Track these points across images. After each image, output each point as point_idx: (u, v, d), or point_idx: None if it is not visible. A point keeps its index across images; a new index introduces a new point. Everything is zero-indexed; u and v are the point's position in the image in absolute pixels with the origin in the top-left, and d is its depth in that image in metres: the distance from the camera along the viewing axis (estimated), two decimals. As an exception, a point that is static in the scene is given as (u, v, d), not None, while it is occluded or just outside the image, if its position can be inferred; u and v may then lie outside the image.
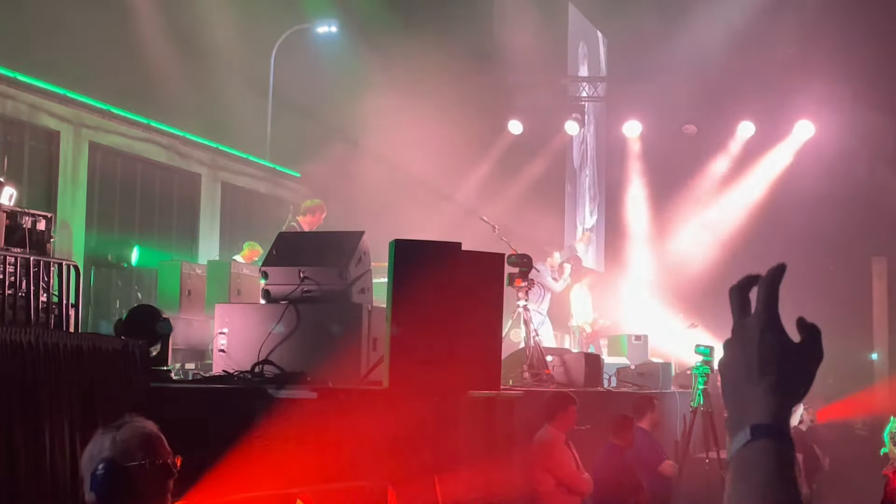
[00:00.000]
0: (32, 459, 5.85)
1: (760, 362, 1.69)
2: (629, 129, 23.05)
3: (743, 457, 1.64)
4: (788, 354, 1.71)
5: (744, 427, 1.66)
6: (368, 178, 20.99)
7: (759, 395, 1.67)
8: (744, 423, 1.66)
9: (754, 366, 1.69)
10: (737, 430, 1.67)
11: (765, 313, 1.73)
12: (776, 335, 1.72)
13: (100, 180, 18.80)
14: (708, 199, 23.34)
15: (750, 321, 1.73)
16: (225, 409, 7.31)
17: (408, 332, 7.29)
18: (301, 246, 9.67)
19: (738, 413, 1.69)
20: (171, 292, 13.77)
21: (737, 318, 1.75)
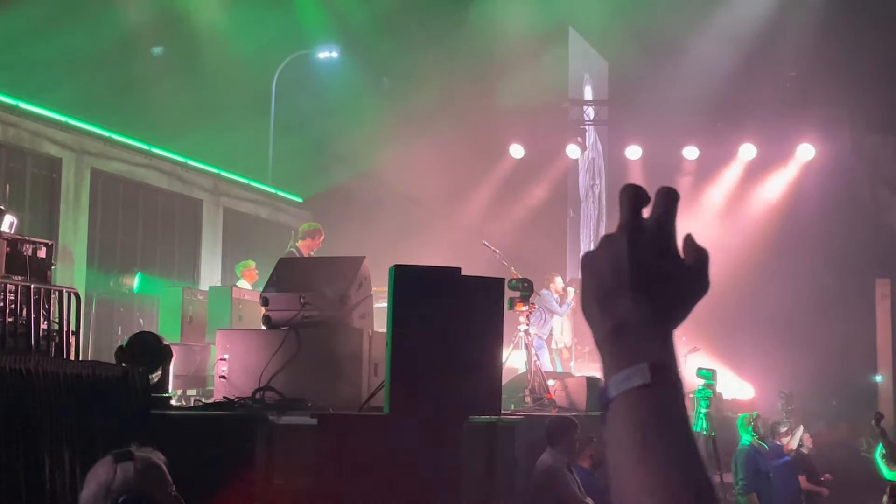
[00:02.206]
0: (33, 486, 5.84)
1: (652, 274, 1.46)
2: (631, 152, 23.06)
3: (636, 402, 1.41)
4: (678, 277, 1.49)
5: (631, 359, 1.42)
6: (369, 202, 21.04)
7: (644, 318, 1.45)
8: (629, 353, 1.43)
9: (641, 277, 1.46)
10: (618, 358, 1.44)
11: (666, 221, 1.51)
12: (669, 252, 1.49)
13: (102, 207, 18.82)
14: (710, 223, 23.31)
15: (651, 221, 1.50)
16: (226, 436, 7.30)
17: (408, 358, 7.28)
18: (302, 271, 9.67)
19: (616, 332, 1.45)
20: (172, 318, 13.78)
21: (630, 213, 1.51)
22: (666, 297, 1.48)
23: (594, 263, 1.51)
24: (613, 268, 1.48)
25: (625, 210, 1.52)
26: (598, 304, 1.48)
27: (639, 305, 1.45)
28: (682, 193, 6.19)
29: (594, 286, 1.49)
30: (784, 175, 22.91)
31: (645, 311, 1.45)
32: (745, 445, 13.44)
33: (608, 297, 1.47)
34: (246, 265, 16.41)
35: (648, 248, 1.48)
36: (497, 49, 21.78)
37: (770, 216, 22.80)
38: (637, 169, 23.82)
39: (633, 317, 1.45)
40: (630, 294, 1.46)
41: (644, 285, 1.46)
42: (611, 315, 1.46)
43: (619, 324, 1.45)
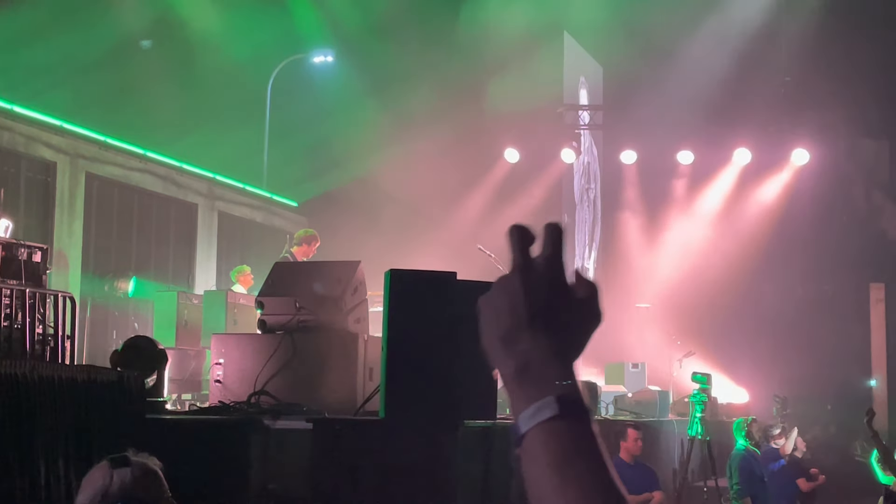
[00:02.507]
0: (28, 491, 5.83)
1: (547, 311, 1.51)
2: (625, 157, 23.07)
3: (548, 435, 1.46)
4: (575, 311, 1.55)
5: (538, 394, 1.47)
6: (365, 207, 21.03)
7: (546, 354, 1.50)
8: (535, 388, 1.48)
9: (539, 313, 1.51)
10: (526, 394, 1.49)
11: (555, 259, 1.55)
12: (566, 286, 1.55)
13: (96, 211, 18.81)
14: (705, 227, 23.34)
15: (539, 261, 1.54)
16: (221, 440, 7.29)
17: (403, 362, 7.28)
18: (297, 276, 9.66)
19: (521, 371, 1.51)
20: (167, 323, 13.79)
21: (519, 254, 1.54)
22: (564, 331, 1.54)
23: (491, 306, 1.55)
24: (511, 309, 1.53)
25: (514, 251, 1.56)
26: (501, 344, 1.53)
27: (539, 342, 1.51)
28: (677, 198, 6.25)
29: (494, 328, 1.54)
30: (779, 179, 22.93)
31: (546, 347, 1.51)
32: (741, 450, 13.43)
33: (509, 337, 1.52)
34: (241, 270, 16.41)
35: (541, 286, 1.53)
36: (492, 53, 21.77)
37: (765, 221, 22.82)
38: (632, 173, 23.86)
39: (535, 353, 1.51)
40: (530, 332, 1.51)
41: (542, 322, 1.52)
42: (514, 354, 1.51)
43: (523, 362, 1.51)
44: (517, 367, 1.51)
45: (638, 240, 24.04)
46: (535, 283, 1.53)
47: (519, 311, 1.52)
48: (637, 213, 24.19)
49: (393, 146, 21.14)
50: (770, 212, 22.89)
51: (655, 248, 23.57)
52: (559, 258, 1.56)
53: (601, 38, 23.34)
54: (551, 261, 1.55)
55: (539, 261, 1.55)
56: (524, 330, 1.51)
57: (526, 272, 1.54)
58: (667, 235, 23.54)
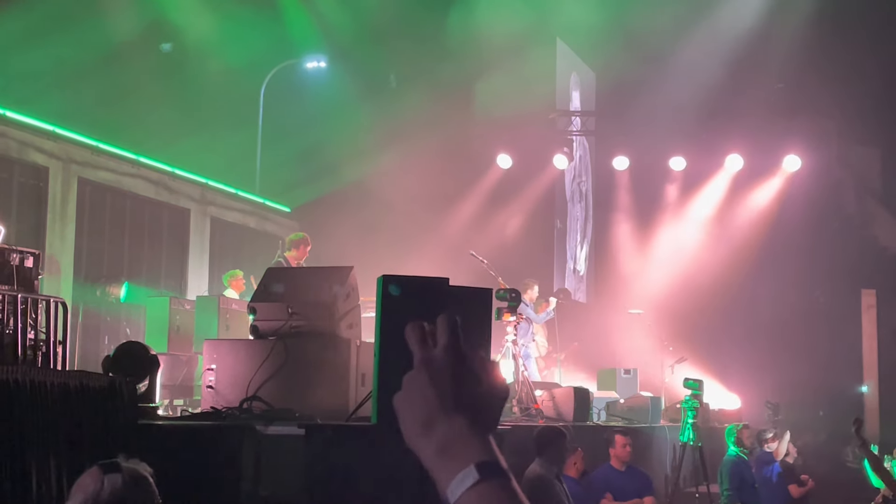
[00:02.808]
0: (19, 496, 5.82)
1: (456, 394, 1.65)
2: (618, 162, 23.10)
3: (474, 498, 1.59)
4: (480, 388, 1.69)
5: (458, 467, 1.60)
6: (357, 212, 21.04)
7: (462, 430, 1.63)
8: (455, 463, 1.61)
9: (449, 397, 1.65)
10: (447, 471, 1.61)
11: (455, 346, 1.70)
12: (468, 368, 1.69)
13: (89, 216, 18.78)
14: (697, 233, 23.38)
15: (438, 352, 1.69)
16: (213, 446, 7.29)
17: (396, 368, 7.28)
18: (289, 281, 9.66)
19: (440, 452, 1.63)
20: (159, 328, 13.79)
21: (420, 349, 1.70)
22: (474, 407, 1.66)
23: (405, 402, 1.69)
24: (422, 400, 1.67)
25: (414, 348, 1.71)
26: (420, 432, 1.67)
27: (454, 421, 1.64)
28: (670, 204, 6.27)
29: (411, 420, 1.68)
30: (770, 186, 22.98)
31: (460, 424, 1.64)
32: (732, 456, 13.45)
33: (425, 424, 1.66)
34: (233, 275, 16.40)
35: (444, 372, 1.68)
36: (485, 59, 21.81)
37: (756, 227, 22.87)
38: (625, 179, 23.89)
39: (451, 432, 1.64)
40: (442, 415, 1.65)
41: (452, 403, 1.65)
42: (432, 437, 1.65)
43: (442, 442, 1.64)
44: (437, 448, 1.64)
45: (630, 246, 24.08)
46: (439, 371, 1.68)
47: (429, 399, 1.66)
48: (629, 218, 24.22)
49: (385, 151, 21.15)
50: (762, 218, 22.93)
51: (648, 254, 23.60)
52: (456, 344, 1.70)
53: (594, 44, 23.38)
54: (449, 349, 1.69)
55: (438, 352, 1.69)
56: (437, 414, 1.65)
57: (428, 364, 1.69)
58: (659, 241, 23.57)
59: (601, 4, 20.98)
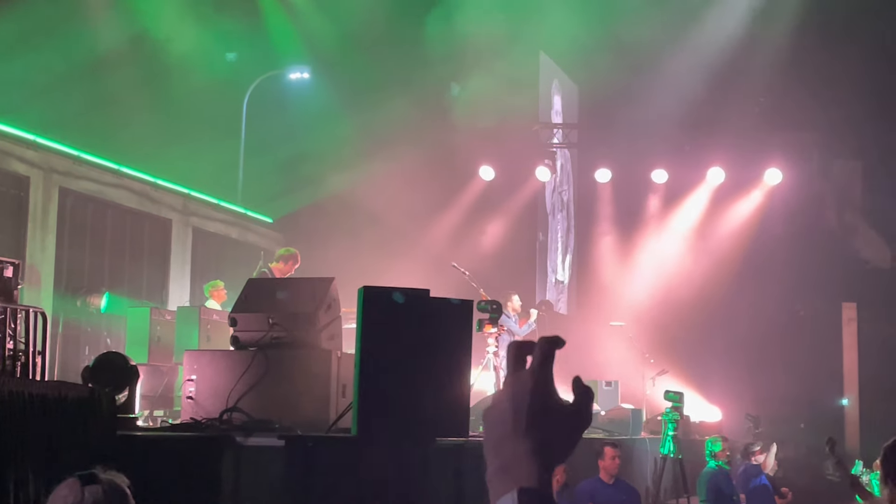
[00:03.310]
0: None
1: (528, 420, 1.69)
2: (600, 175, 23.16)
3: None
4: (557, 417, 1.71)
5: (509, 488, 1.64)
6: (339, 223, 21.02)
7: (524, 454, 1.66)
8: (507, 483, 1.65)
9: (521, 422, 1.68)
10: (500, 489, 1.65)
11: (539, 371, 1.72)
12: (547, 396, 1.72)
13: (70, 226, 18.71)
14: (678, 245, 23.45)
15: (524, 375, 1.73)
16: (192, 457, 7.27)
17: (376, 379, 7.27)
18: (270, 292, 9.64)
19: (501, 469, 1.68)
20: (140, 339, 13.75)
21: (511, 370, 1.75)
22: (547, 435, 1.69)
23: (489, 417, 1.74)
24: (501, 416, 1.71)
25: (508, 366, 1.77)
26: (491, 448, 1.71)
27: (521, 446, 1.67)
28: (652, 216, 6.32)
29: (488, 435, 1.73)
30: (752, 199, 23.07)
31: (525, 450, 1.67)
32: (712, 468, 13.49)
33: (498, 442, 1.70)
34: (214, 285, 16.37)
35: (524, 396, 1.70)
36: (468, 72, 21.85)
37: (738, 240, 22.94)
38: (607, 191, 23.95)
39: (515, 454, 1.67)
40: (513, 437, 1.68)
41: (524, 428, 1.68)
42: (499, 455, 1.69)
43: (504, 462, 1.68)
44: (498, 466, 1.68)
45: (612, 258, 24.12)
46: (520, 392, 1.71)
47: (506, 418, 1.70)
48: (612, 231, 24.28)
49: (368, 163, 21.14)
50: (743, 231, 23.01)
51: (630, 267, 23.65)
52: (543, 369, 1.72)
53: (576, 56, 23.45)
54: (534, 372, 1.72)
55: (525, 373, 1.73)
56: (509, 436, 1.68)
57: (514, 383, 1.73)
58: (641, 254, 23.63)
59: (584, 18, 21.03)
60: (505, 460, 1.67)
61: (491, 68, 21.18)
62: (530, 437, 1.67)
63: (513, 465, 1.66)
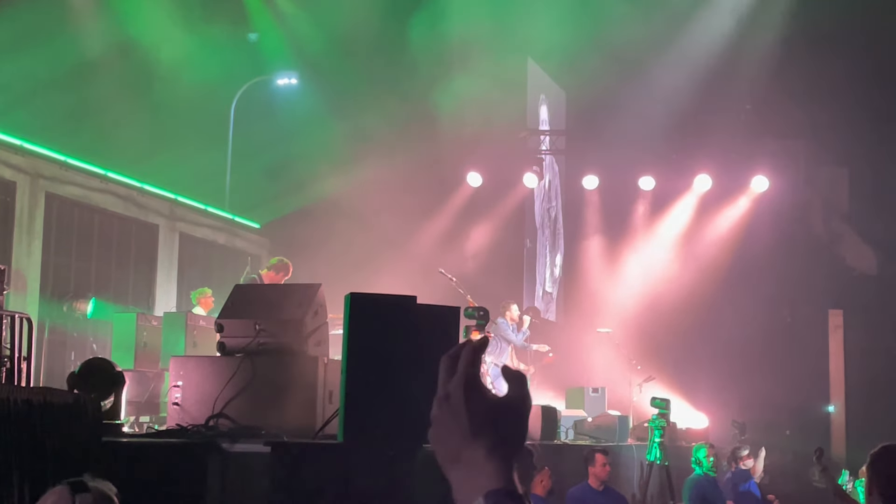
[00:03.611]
0: (-20, 515, 5.77)
1: (472, 423, 1.68)
2: (587, 182, 23.20)
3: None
4: (499, 411, 1.72)
5: (474, 497, 1.63)
6: (327, 229, 21.00)
7: (481, 459, 1.66)
8: (473, 492, 1.64)
9: (466, 428, 1.68)
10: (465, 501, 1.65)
11: (466, 374, 1.73)
12: (481, 394, 1.72)
13: (56, 231, 18.66)
14: (665, 252, 23.48)
15: (453, 386, 1.73)
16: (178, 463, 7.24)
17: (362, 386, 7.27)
18: (257, 298, 9.63)
19: (463, 480, 1.67)
20: (126, 344, 13.71)
21: (441, 385, 1.76)
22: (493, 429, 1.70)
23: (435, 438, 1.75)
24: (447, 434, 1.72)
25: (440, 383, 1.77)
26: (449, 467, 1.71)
27: (474, 451, 1.68)
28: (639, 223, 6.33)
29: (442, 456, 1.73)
30: (738, 206, 23.12)
31: (479, 453, 1.67)
32: (698, 475, 13.50)
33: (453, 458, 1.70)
34: (202, 292, 16.34)
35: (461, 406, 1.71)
36: (456, 77, 21.85)
37: (724, 246, 22.98)
38: (594, 198, 23.97)
39: (471, 463, 1.67)
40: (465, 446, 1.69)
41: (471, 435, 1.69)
42: (457, 468, 1.69)
43: (464, 474, 1.68)
44: (461, 480, 1.68)
45: (599, 264, 24.14)
46: (456, 405, 1.72)
47: (452, 433, 1.70)
48: (598, 237, 24.30)
49: (356, 168, 21.14)
50: (730, 238, 23.05)
51: (617, 273, 23.67)
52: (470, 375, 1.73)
53: (564, 63, 23.49)
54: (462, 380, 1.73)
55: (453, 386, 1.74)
56: (460, 448, 1.69)
57: (446, 399, 1.74)
58: (628, 260, 23.65)
59: (572, 25, 21.07)
60: (464, 473, 1.67)
61: (478, 74, 21.20)
62: (482, 439, 1.67)
63: (473, 474, 1.66)
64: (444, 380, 1.75)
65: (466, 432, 1.68)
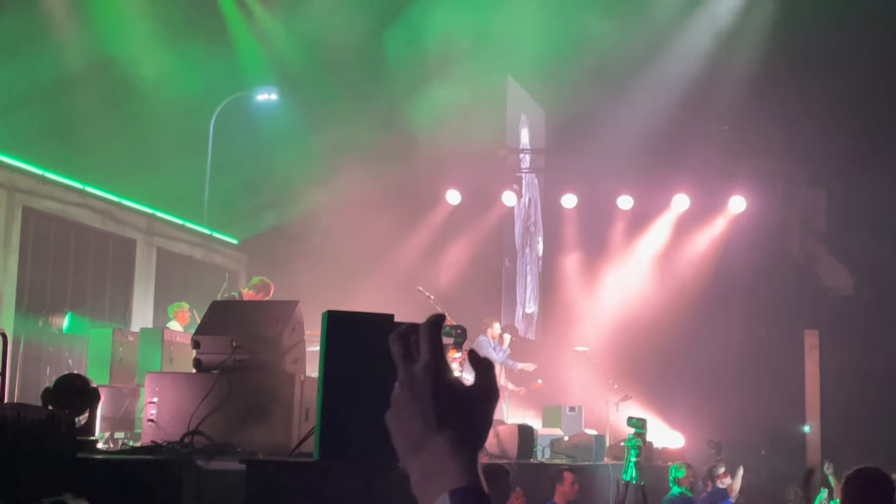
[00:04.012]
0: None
1: (438, 414, 1.60)
2: (566, 200, 23.25)
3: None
4: (466, 401, 1.64)
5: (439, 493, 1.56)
6: (305, 245, 20.98)
7: (445, 453, 1.58)
8: (437, 488, 1.56)
9: (431, 417, 1.60)
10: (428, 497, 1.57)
11: (433, 362, 1.64)
12: (449, 382, 1.64)
13: (32, 245, 18.56)
14: (643, 271, 23.54)
15: (418, 370, 1.63)
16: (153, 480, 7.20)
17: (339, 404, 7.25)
18: (234, 314, 9.60)
19: (425, 476, 1.60)
20: (101, 360, 13.62)
21: (403, 367, 1.65)
22: (463, 422, 1.62)
23: (394, 422, 1.67)
24: (409, 420, 1.63)
25: (398, 364, 1.67)
26: (408, 456, 1.63)
27: (437, 444, 1.60)
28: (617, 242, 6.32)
29: (400, 442, 1.65)
30: (716, 226, 23.22)
31: (443, 445, 1.60)
32: (675, 494, 13.52)
33: (413, 447, 1.62)
34: (179, 307, 16.27)
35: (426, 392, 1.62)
36: (436, 95, 21.88)
37: (702, 266, 23.06)
38: (572, 217, 24.03)
39: (433, 455, 1.60)
40: (426, 436, 1.61)
41: (435, 424, 1.61)
42: (418, 460, 1.61)
43: (425, 466, 1.60)
44: (421, 473, 1.61)
45: (577, 283, 24.18)
46: (421, 391, 1.63)
47: (414, 419, 1.62)
48: (577, 256, 24.35)
49: (335, 185, 21.12)
50: (707, 258, 23.15)
51: (594, 292, 23.71)
52: (436, 360, 1.64)
53: (544, 82, 23.57)
54: (429, 365, 1.63)
55: (418, 369, 1.64)
56: (422, 435, 1.61)
57: (410, 383, 1.64)
58: (606, 279, 23.70)
59: (552, 44, 21.15)
60: (427, 465, 1.60)
61: (458, 92, 21.23)
62: (447, 431, 1.60)
63: (437, 468, 1.59)
64: (404, 361, 1.66)
65: (431, 421, 1.60)
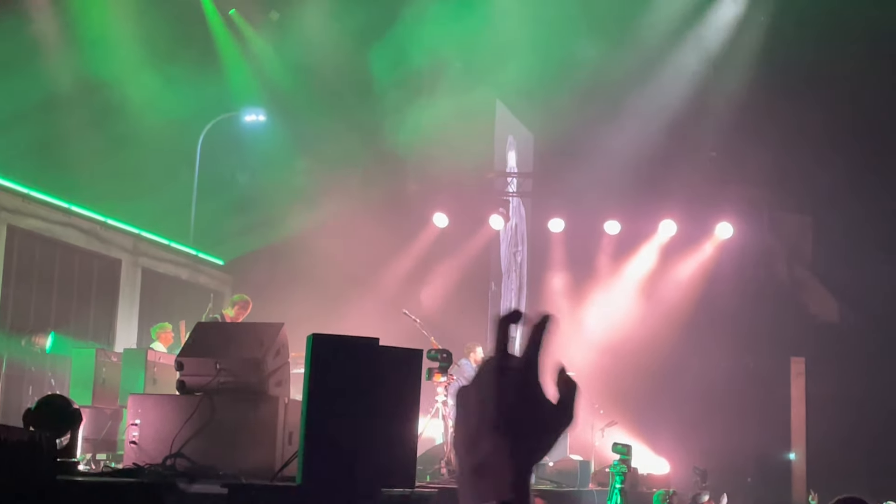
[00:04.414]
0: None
1: (511, 416, 1.52)
2: (553, 225, 23.26)
3: None
4: (544, 414, 1.56)
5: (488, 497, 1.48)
6: (291, 267, 20.93)
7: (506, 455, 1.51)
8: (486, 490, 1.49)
9: (504, 417, 1.52)
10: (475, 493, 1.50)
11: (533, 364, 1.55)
12: (535, 392, 1.55)
13: (17, 264, 18.45)
14: (629, 297, 23.54)
15: (514, 363, 1.54)
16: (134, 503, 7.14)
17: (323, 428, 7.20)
18: (218, 337, 9.55)
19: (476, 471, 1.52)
20: (84, 380, 13.54)
21: (499, 356, 1.55)
22: (527, 433, 1.54)
23: (465, 403, 1.57)
24: (480, 410, 1.54)
25: (496, 347, 1.56)
26: (467, 441, 1.54)
27: (500, 446, 1.51)
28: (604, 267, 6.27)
29: (463, 426, 1.56)
30: (703, 252, 23.24)
31: (505, 451, 1.51)
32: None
33: (474, 436, 1.53)
34: (162, 327, 16.20)
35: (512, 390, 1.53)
36: (424, 118, 21.89)
37: (688, 293, 23.07)
38: (559, 241, 24.02)
39: (493, 456, 1.51)
40: (492, 435, 1.52)
41: (506, 427, 1.52)
42: (475, 453, 1.53)
43: (480, 463, 1.52)
44: (474, 466, 1.52)
45: (563, 308, 24.13)
46: (507, 386, 1.53)
47: (486, 413, 1.53)
48: (563, 280, 24.33)
49: (321, 207, 21.09)
50: (693, 284, 23.15)
51: (581, 317, 23.68)
52: (535, 360, 1.56)
53: (533, 106, 23.60)
54: (528, 363, 1.55)
55: (516, 362, 1.55)
56: (488, 432, 1.52)
57: (500, 374, 1.54)
58: (592, 304, 23.68)
59: (541, 68, 21.18)
60: (480, 460, 1.52)
61: (446, 115, 21.23)
62: (510, 436, 1.52)
63: (491, 468, 1.51)
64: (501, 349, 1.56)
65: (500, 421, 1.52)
